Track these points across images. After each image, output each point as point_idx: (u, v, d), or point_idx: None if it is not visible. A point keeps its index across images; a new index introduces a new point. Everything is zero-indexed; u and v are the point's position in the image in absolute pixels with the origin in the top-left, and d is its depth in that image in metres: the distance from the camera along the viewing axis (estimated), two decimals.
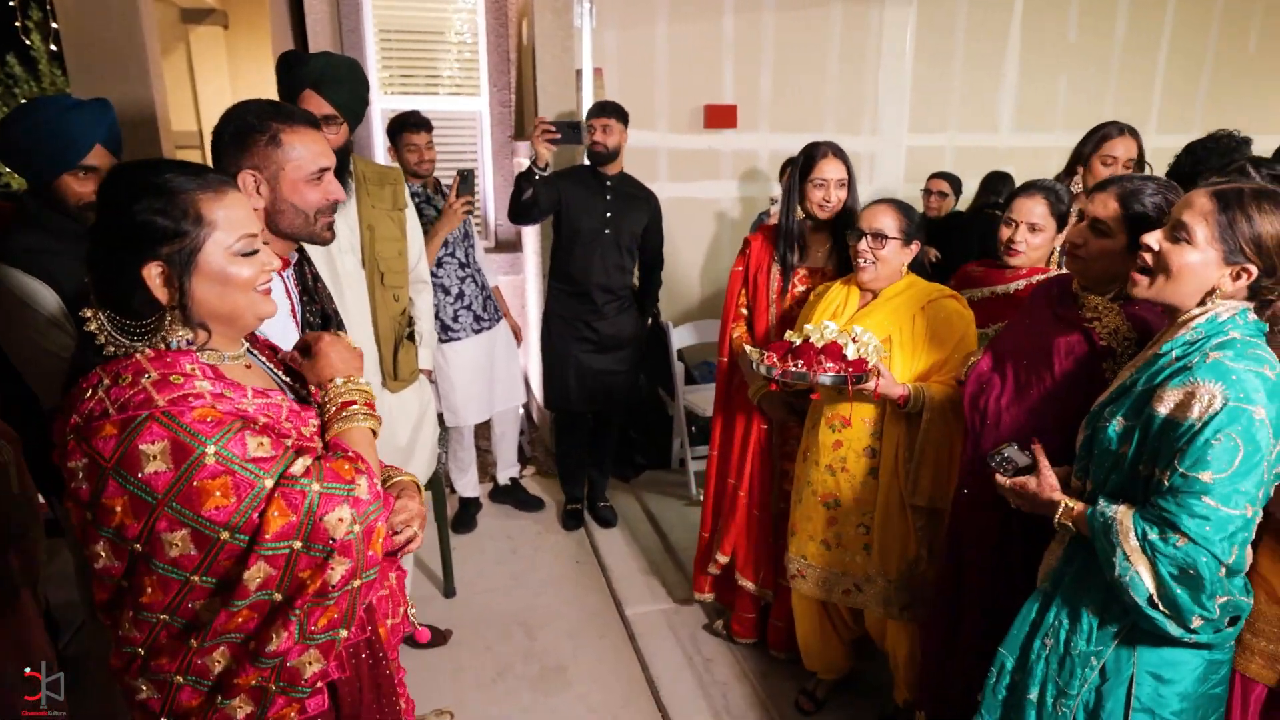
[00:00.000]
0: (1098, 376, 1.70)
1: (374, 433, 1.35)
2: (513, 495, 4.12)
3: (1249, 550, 1.39)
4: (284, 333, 1.70)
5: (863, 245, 2.29)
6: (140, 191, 1.13)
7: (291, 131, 1.57)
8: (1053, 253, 2.40)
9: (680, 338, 4.30)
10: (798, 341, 2.21)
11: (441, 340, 3.58)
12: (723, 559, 2.94)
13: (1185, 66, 5.66)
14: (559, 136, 3.24)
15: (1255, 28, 5.74)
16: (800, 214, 2.66)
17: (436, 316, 3.53)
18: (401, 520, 1.38)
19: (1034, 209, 2.25)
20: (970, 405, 1.92)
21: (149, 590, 1.12)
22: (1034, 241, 2.27)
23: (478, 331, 3.65)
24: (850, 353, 2.08)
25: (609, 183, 3.56)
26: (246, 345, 1.31)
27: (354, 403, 1.34)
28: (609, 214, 3.56)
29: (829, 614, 2.61)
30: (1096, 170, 2.62)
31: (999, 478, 1.67)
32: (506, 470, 4.12)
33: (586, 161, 3.61)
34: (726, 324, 2.88)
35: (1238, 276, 1.39)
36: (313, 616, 1.18)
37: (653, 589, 3.38)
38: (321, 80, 2.21)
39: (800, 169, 2.63)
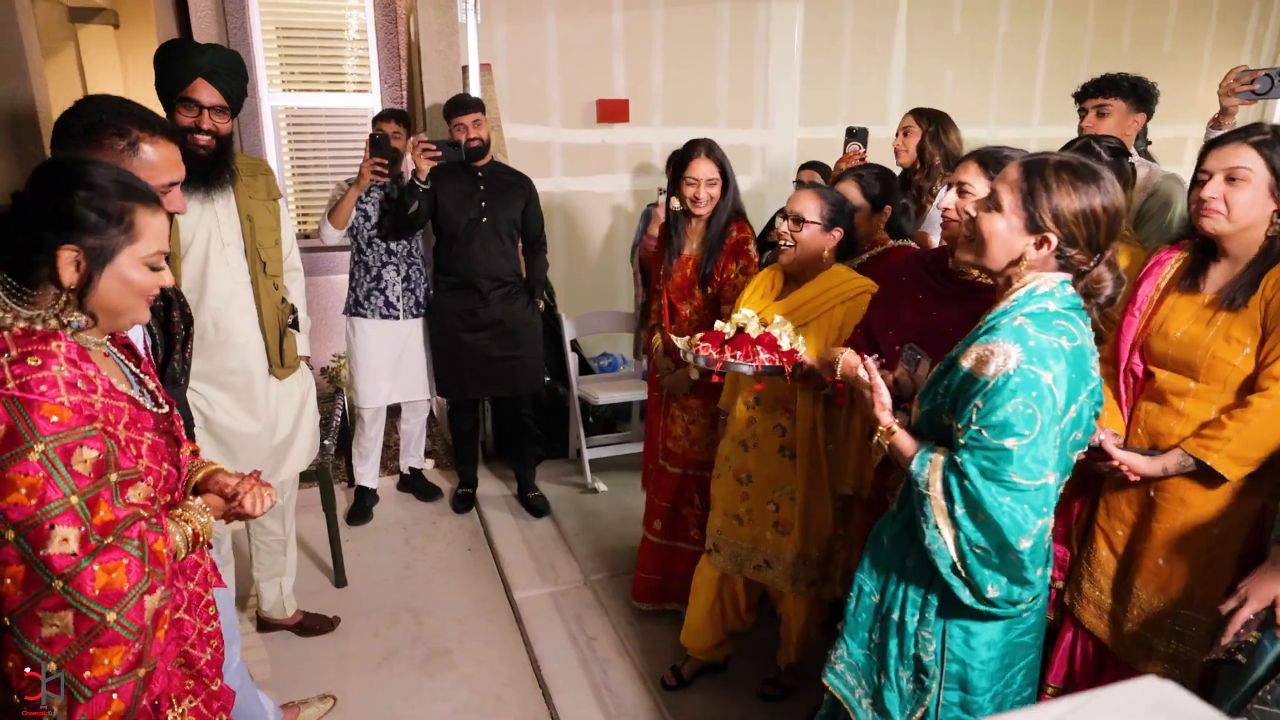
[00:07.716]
0: None
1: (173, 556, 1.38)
2: (414, 485, 4.18)
3: (1047, 521, 1.43)
4: None
5: (783, 227, 2.32)
6: (85, 182, 1.20)
7: (151, 141, 1.59)
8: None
9: (575, 328, 4.36)
10: (730, 331, 2.15)
11: (353, 314, 3.74)
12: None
13: (1064, 62, 5.90)
14: (440, 155, 3.38)
15: (1128, 25, 6.02)
16: (676, 205, 2.78)
17: (351, 290, 3.76)
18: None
19: (848, 191, 2.52)
20: None
21: None
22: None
23: (385, 317, 3.73)
24: (785, 344, 2.08)
25: (480, 173, 3.65)
26: (108, 337, 1.35)
27: (187, 523, 1.38)
28: (484, 203, 3.64)
29: (723, 600, 2.65)
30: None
31: (865, 358, 1.67)
32: (409, 460, 4.17)
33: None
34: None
35: (1040, 245, 1.45)
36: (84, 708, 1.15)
37: (543, 574, 3.44)
38: (215, 70, 2.29)
39: (676, 165, 2.77)
